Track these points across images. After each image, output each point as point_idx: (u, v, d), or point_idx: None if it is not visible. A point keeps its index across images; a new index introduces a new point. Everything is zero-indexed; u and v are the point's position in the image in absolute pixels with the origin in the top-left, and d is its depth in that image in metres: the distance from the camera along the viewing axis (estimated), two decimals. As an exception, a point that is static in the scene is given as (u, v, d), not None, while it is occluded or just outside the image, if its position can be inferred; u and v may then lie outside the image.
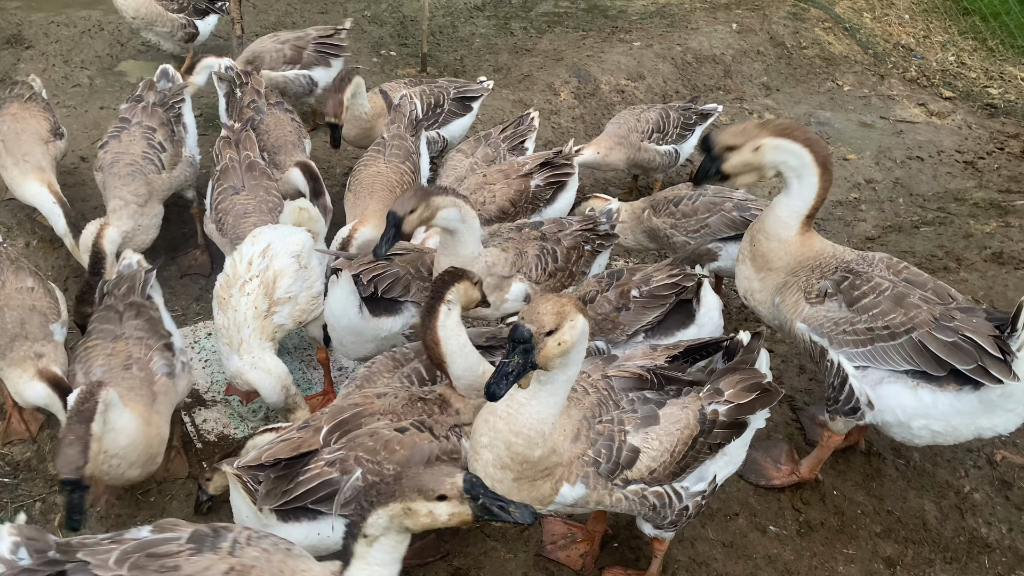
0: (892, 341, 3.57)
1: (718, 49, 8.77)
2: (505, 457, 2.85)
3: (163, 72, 5.67)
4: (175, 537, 2.57)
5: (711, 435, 3.13)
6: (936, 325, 3.53)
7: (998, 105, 8.65)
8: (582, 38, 8.89)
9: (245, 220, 4.79)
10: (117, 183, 4.96)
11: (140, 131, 5.17)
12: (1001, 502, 4.24)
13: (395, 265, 4.33)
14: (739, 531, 3.96)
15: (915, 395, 3.61)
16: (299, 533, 3.13)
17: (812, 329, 3.77)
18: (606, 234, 4.74)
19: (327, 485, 3.11)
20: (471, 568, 3.72)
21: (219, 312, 4.23)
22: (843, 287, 3.73)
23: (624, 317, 4.01)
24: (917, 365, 3.55)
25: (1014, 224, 6.19)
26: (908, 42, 9.82)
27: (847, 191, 7.11)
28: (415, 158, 5.34)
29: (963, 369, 3.47)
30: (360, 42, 8.54)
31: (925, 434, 3.70)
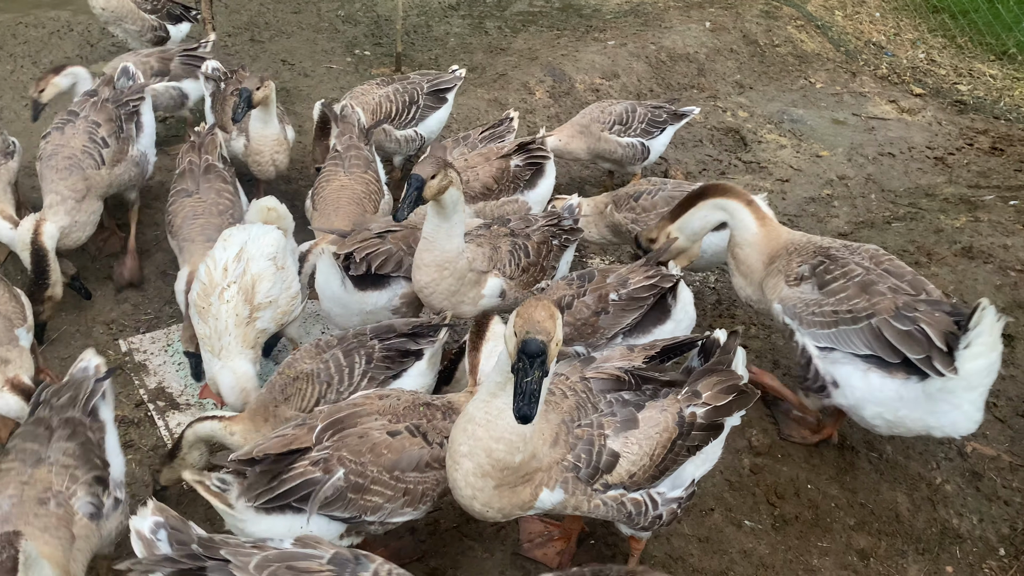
0: (854, 325, 3.69)
1: (692, 48, 8.81)
2: (486, 465, 2.84)
3: (124, 70, 5.56)
4: (317, 555, 2.51)
5: (689, 437, 3.14)
6: (896, 314, 3.63)
7: (967, 102, 8.76)
8: (556, 37, 8.90)
9: (194, 221, 4.75)
10: (54, 176, 4.84)
11: (84, 125, 5.03)
12: (972, 493, 4.30)
13: (387, 242, 4.45)
14: (715, 526, 3.98)
15: (865, 378, 3.72)
16: (281, 526, 3.14)
17: (785, 310, 3.94)
18: (571, 228, 4.77)
19: (309, 484, 3.11)
20: (448, 568, 3.71)
21: (200, 322, 4.18)
22: (817, 271, 3.87)
23: (603, 321, 4.02)
24: (874, 350, 3.66)
25: (983, 219, 6.28)
26: (879, 39, 9.92)
27: (820, 187, 7.17)
28: (374, 165, 5.32)
29: (912, 358, 3.57)
30: (334, 42, 8.51)
31: (880, 423, 3.80)
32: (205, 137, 5.16)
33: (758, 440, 4.37)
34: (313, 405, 3.67)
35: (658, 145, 6.40)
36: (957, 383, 3.54)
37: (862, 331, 3.68)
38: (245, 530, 3.15)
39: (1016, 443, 4.59)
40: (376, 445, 3.20)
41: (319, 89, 7.62)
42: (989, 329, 3.46)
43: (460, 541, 3.83)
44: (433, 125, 6.27)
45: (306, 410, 3.67)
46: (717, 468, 4.20)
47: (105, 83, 5.37)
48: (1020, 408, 4.79)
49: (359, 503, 3.16)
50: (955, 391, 3.58)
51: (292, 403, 3.71)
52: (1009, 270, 5.66)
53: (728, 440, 4.33)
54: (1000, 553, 4.08)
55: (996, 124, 8.34)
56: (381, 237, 4.47)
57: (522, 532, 3.85)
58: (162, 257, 5.51)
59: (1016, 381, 4.94)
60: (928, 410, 3.66)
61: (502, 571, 3.72)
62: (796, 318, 3.89)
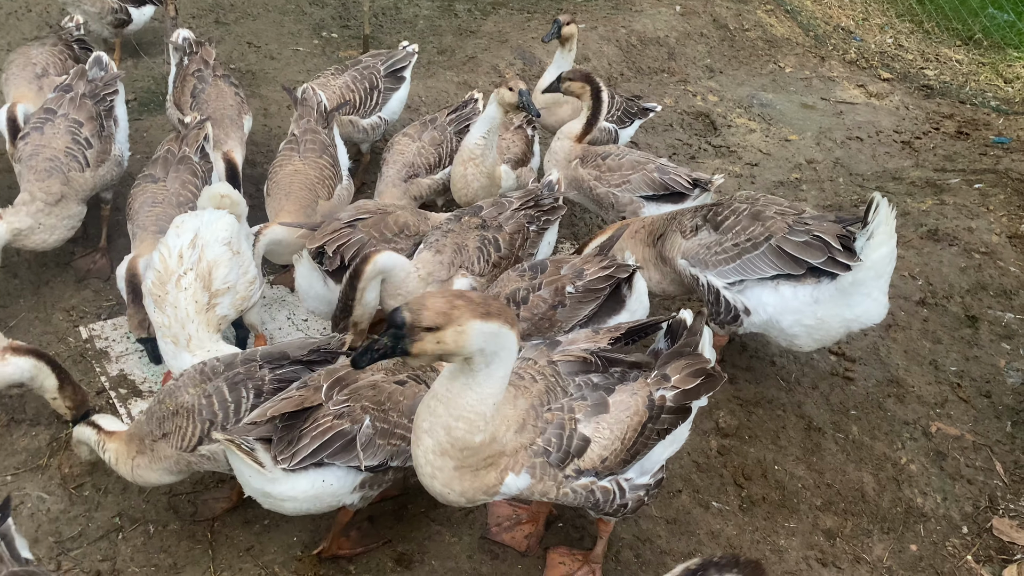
0: (755, 251, 4.07)
1: (662, 31, 8.79)
2: (445, 443, 2.79)
3: (96, 60, 5.33)
4: None
5: (659, 420, 3.13)
6: (790, 230, 4.03)
7: (934, 86, 8.84)
8: (527, 20, 8.84)
9: (151, 209, 4.64)
10: (31, 176, 4.69)
11: (65, 124, 4.87)
12: (936, 472, 4.35)
13: (359, 231, 4.36)
14: (682, 507, 3.99)
15: (776, 293, 4.09)
16: (305, 483, 3.16)
17: (690, 262, 4.25)
18: (551, 207, 4.68)
19: (340, 436, 3.15)
20: (415, 553, 3.69)
21: (156, 311, 4.09)
22: (708, 217, 4.28)
23: (561, 314, 3.96)
24: (779, 268, 4.03)
25: (948, 202, 6.34)
26: (848, 24, 9.97)
27: (788, 171, 7.20)
28: (332, 150, 5.18)
29: (815, 263, 3.95)
30: (301, 24, 8.38)
31: (799, 331, 4.13)
32: (191, 129, 5.03)
33: (725, 422, 4.38)
34: (195, 445, 3.46)
35: (625, 135, 6.40)
36: (867, 273, 3.90)
37: (764, 254, 4.05)
38: (272, 491, 3.14)
39: (979, 423, 4.65)
40: (392, 393, 3.30)
41: (285, 72, 7.50)
42: (886, 219, 3.85)
43: (428, 526, 3.80)
44: (395, 107, 6.19)
45: (187, 450, 3.47)
46: (684, 450, 4.22)
47: (78, 75, 5.16)
48: (984, 388, 4.85)
49: (387, 448, 3.23)
50: (865, 281, 3.93)
51: (171, 440, 3.50)
52: (974, 252, 5.72)
53: (695, 421, 4.35)
54: (963, 531, 4.14)
55: (962, 108, 8.43)
56: (351, 226, 4.38)
57: (490, 516, 3.83)
58: (124, 243, 5.39)
59: (980, 362, 5.00)
60: (843, 304, 4.00)
61: (470, 555, 3.70)
62: (701, 264, 4.23)
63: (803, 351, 4.41)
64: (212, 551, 3.67)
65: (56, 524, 3.77)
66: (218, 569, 3.59)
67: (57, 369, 3.80)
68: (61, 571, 3.58)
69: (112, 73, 5.30)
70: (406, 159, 5.45)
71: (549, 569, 3.62)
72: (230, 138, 5.41)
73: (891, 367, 4.89)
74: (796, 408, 4.57)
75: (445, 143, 5.60)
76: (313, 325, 5.08)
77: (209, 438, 3.43)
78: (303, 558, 3.63)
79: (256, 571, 3.58)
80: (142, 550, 3.67)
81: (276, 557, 3.64)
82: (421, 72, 7.77)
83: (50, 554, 3.64)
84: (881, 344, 5.02)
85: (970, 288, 5.46)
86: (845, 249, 3.94)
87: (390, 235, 4.44)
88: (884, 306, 4.06)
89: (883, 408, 4.65)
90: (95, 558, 3.63)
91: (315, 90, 5.38)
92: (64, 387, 3.82)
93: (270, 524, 3.80)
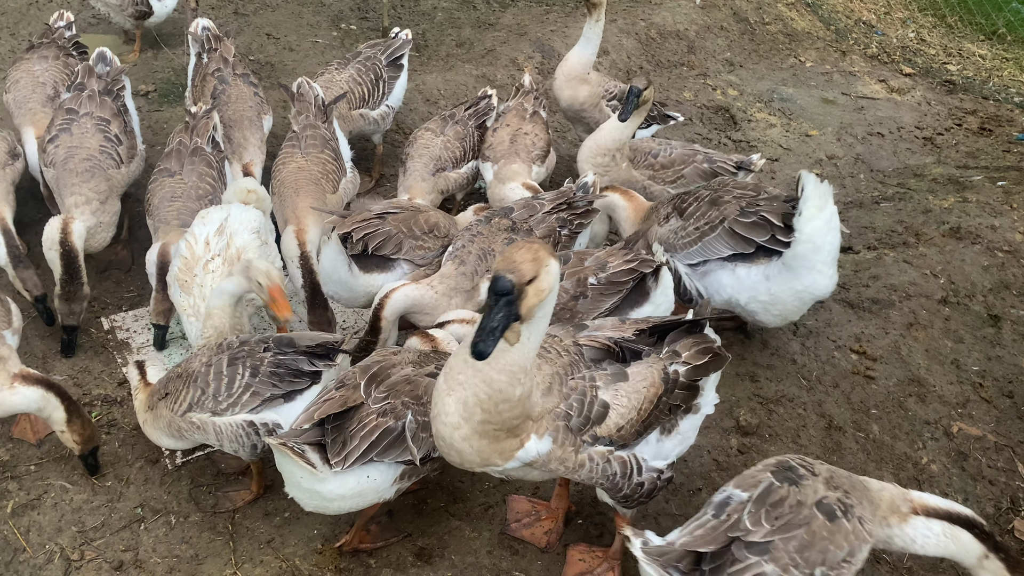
0: (712, 233, 4.36)
1: (682, 25, 8.73)
2: (483, 395, 2.76)
3: (100, 55, 5.25)
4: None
5: (672, 395, 3.19)
6: (741, 212, 4.33)
7: (956, 82, 8.74)
8: (545, 12, 8.80)
9: (171, 204, 4.66)
10: (75, 179, 4.65)
11: (92, 123, 4.85)
12: (957, 473, 4.32)
13: (387, 223, 4.38)
14: (702, 505, 3.97)
15: (733, 274, 4.37)
16: (352, 481, 3.21)
17: (664, 247, 4.45)
18: (585, 210, 4.62)
19: (387, 433, 3.22)
20: (435, 547, 3.70)
21: (182, 295, 4.14)
22: (677, 204, 4.60)
23: (582, 305, 3.94)
24: (733, 248, 4.32)
25: (971, 199, 6.27)
26: (869, 18, 9.87)
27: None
28: (333, 144, 5.17)
29: (759, 241, 4.25)
30: (320, 15, 8.37)
31: (757, 307, 4.39)
32: (200, 120, 5.04)
33: (746, 420, 4.36)
34: (184, 410, 3.54)
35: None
36: (805, 246, 4.12)
37: (719, 236, 4.34)
38: (322, 491, 3.19)
39: (1001, 423, 4.61)
40: (427, 387, 3.35)
41: (304, 64, 7.50)
42: (814, 192, 4.06)
43: (448, 521, 3.81)
44: (399, 94, 6.22)
45: (177, 413, 3.55)
46: (704, 448, 4.21)
47: (87, 73, 5.12)
48: (1006, 388, 4.81)
49: (429, 440, 3.26)
50: (806, 255, 4.15)
51: (167, 402, 3.59)
52: (996, 251, 5.67)
53: (716, 420, 4.35)
54: (984, 532, 4.10)
55: (985, 104, 8.33)
56: (381, 218, 4.40)
57: (509, 512, 3.83)
58: (145, 234, 5.41)
59: (1002, 362, 4.96)
60: (792, 278, 4.25)
61: (490, 550, 3.71)
62: (671, 248, 4.50)
63: (769, 326, 4.63)
64: (233, 543, 3.69)
65: (79, 514, 3.80)
66: (239, 561, 3.61)
67: (67, 401, 3.70)
68: (84, 560, 3.61)
69: (117, 67, 5.28)
70: (432, 153, 5.45)
71: (569, 566, 3.62)
72: (249, 145, 5.37)
73: (912, 366, 4.86)
74: (817, 407, 4.55)
75: (468, 137, 5.64)
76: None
77: (199, 406, 3.51)
78: (323, 551, 3.65)
79: (277, 563, 3.60)
80: (164, 541, 3.69)
81: (296, 550, 3.66)
82: (440, 65, 7.76)
83: (73, 544, 3.67)
84: (903, 343, 4.99)
85: (993, 287, 5.41)
86: (786, 227, 4.19)
87: (419, 232, 4.45)
88: (831, 277, 4.28)
89: (904, 408, 4.61)
90: (118, 548, 3.66)
91: (310, 84, 5.34)
92: (72, 421, 3.71)
93: (291, 517, 3.82)
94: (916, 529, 2.98)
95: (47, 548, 3.66)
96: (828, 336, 5.01)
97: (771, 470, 2.94)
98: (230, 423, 3.49)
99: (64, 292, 4.44)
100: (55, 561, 3.61)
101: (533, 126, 5.67)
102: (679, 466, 3.55)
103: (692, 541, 2.79)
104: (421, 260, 4.47)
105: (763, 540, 2.72)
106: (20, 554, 3.66)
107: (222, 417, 3.50)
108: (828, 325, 5.09)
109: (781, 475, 2.90)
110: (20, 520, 3.77)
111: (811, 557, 2.73)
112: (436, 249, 4.50)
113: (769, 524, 2.76)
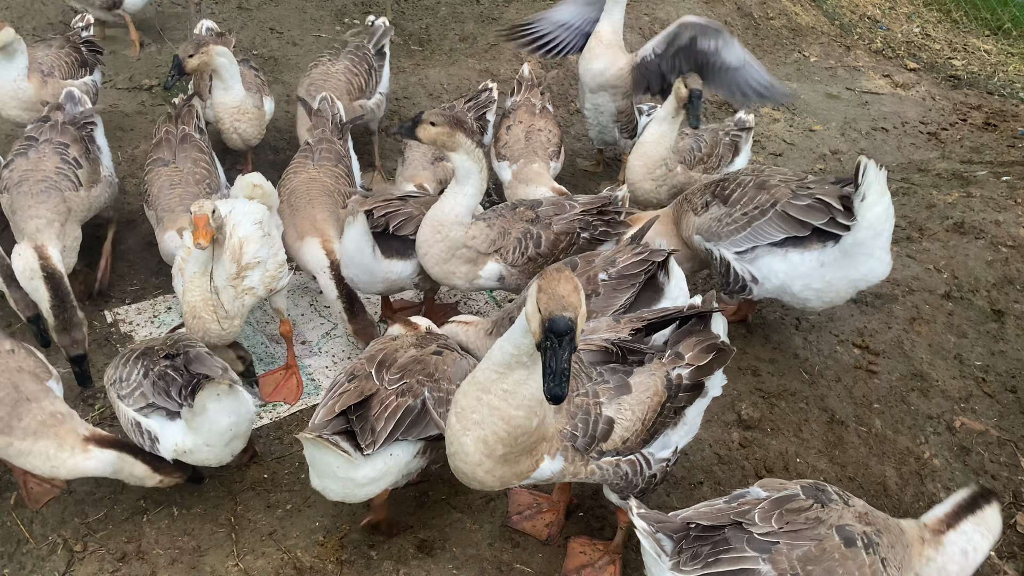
0: (763, 217, 4.26)
1: (686, 19, 8.70)
2: (502, 432, 2.80)
3: (68, 95, 5.07)
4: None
5: (676, 399, 3.17)
6: (794, 195, 4.24)
7: (961, 77, 8.71)
8: (548, 6, 8.77)
9: (171, 191, 4.64)
10: (30, 202, 4.38)
11: (51, 147, 4.62)
12: (960, 467, 4.31)
13: (409, 205, 4.41)
14: (703, 499, 3.96)
15: (786, 260, 4.28)
16: (380, 462, 3.26)
17: (704, 237, 4.41)
18: (613, 220, 4.48)
19: (409, 412, 3.27)
20: (437, 540, 3.70)
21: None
22: (717, 192, 4.46)
23: (595, 304, 3.85)
24: (786, 231, 4.23)
25: (975, 194, 6.26)
26: (874, 13, 9.84)
27: (813, 162, 7.13)
28: (347, 161, 5.11)
29: (817, 224, 4.16)
30: (323, 10, 8.38)
31: (810, 294, 4.32)
32: (182, 108, 5.04)
33: (748, 414, 4.36)
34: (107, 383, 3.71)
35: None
36: (865, 232, 4.07)
37: (772, 220, 4.24)
38: (357, 476, 3.24)
39: (1004, 418, 4.61)
40: (436, 364, 3.44)
41: (307, 58, 7.48)
42: (875, 178, 4.00)
43: (449, 513, 3.82)
44: (387, 81, 6.25)
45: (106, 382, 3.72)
46: (706, 442, 4.21)
47: (54, 108, 4.94)
48: (1009, 383, 4.80)
49: (446, 414, 3.27)
50: (865, 241, 4.10)
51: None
52: (1000, 246, 5.65)
53: (718, 413, 4.35)
54: (986, 527, 4.10)
55: (990, 99, 8.31)
56: (403, 200, 4.43)
57: (511, 504, 3.84)
58: (147, 228, 5.43)
59: (1005, 357, 4.95)
60: (848, 265, 4.18)
61: (491, 543, 3.71)
62: (714, 237, 4.40)
63: (815, 312, 4.68)
64: (235, 535, 3.70)
65: (82, 506, 3.81)
66: (241, 553, 3.62)
67: (141, 454, 3.52)
68: (87, 551, 3.63)
69: (89, 108, 5.11)
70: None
71: (569, 558, 3.62)
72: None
73: (915, 361, 4.85)
74: (819, 401, 4.54)
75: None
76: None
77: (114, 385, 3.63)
78: (325, 543, 3.66)
79: (279, 555, 3.61)
80: (166, 532, 3.71)
81: (298, 542, 3.67)
82: (443, 59, 7.76)
83: (76, 535, 3.69)
84: (905, 338, 4.98)
85: (996, 282, 5.40)
86: (845, 209, 4.13)
87: None
88: (887, 263, 4.24)
89: (907, 402, 4.61)
90: (120, 540, 3.67)
91: (333, 100, 5.31)
92: (158, 469, 3.54)
93: (292, 509, 3.83)
94: (956, 545, 2.88)
95: (50, 539, 3.68)
96: (831, 330, 5.01)
97: (802, 484, 2.82)
98: (125, 412, 3.56)
99: (59, 322, 4.12)
100: (58, 552, 3.63)
101: (545, 122, 5.65)
102: (680, 461, 3.55)
103: (694, 516, 2.74)
104: None
105: (767, 538, 2.60)
106: (23, 545, 3.68)
107: (122, 403, 3.57)
108: (831, 319, 5.08)
109: (811, 491, 2.79)
110: (23, 511, 3.79)
111: (815, 573, 2.55)
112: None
113: (778, 524, 2.64)
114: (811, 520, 2.65)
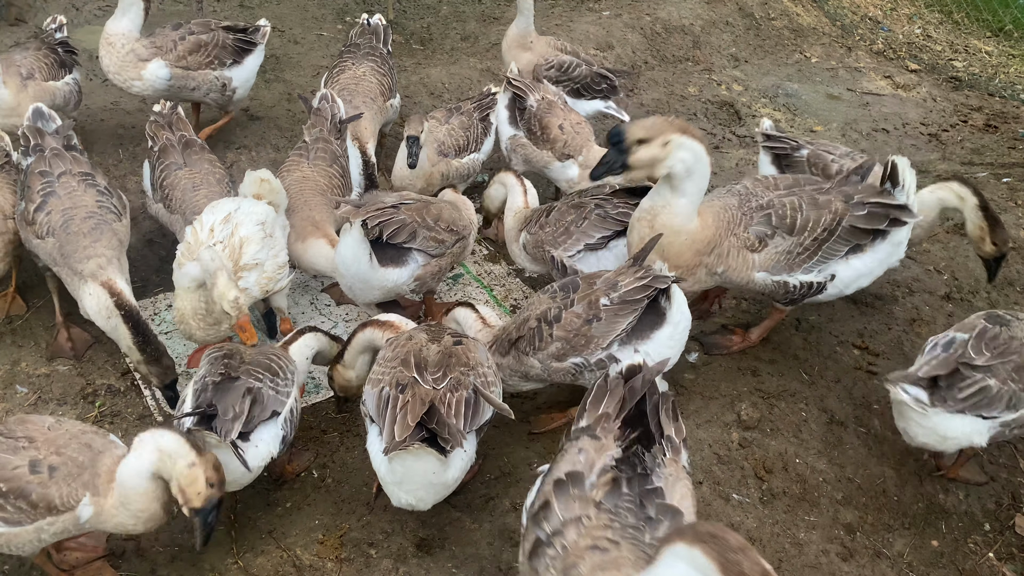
0: (832, 238, 4.22)
1: (687, 19, 8.72)
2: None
3: (37, 112, 4.73)
4: None
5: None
6: (851, 207, 4.24)
7: (962, 78, 8.71)
8: (551, 7, 8.79)
9: (195, 193, 4.64)
10: (85, 242, 4.18)
11: (77, 180, 4.42)
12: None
13: (402, 212, 4.41)
14: (702, 499, 3.98)
15: (848, 266, 4.36)
16: (458, 460, 3.37)
17: (771, 272, 4.28)
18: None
19: (468, 403, 3.42)
20: (436, 538, 3.71)
21: None
22: (774, 222, 4.20)
23: (597, 329, 3.82)
24: (851, 243, 4.28)
25: (976, 196, 6.25)
26: (875, 14, 9.84)
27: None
28: (343, 161, 5.09)
29: (881, 227, 4.28)
30: (325, 8, 8.38)
31: (856, 287, 4.47)
32: (171, 115, 5.02)
33: (747, 414, 4.36)
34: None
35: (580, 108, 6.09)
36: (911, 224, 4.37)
37: (841, 237, 4.23)
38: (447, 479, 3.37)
39: (1003, 419, 4.61)
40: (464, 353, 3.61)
41: (309, 57, 7.51)
42: (910, 174, 4.30)
43: (448, 512, 3.82)
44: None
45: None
46: (705, 442, 4.21)
47: (36, 134, 4.63)
48: (1008, 385, 4.80)
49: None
50: (907, 231, 4.39)
51: None
52: (1001, 247, 5.65)
53: (717, 414, 4.36)
54: (985, 528, 4.11)
55: (991, 101, 8.31)
56: (395, 208, 4.42)
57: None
58: (148, 225, 5.43)
59: (1005, 358, 4.95)
60: (892, 254, 4.42)
61: (490, 542, 3.72)
62: (785, 270, 4.27)
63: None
64: (235, 533, 3.71)
65: (82, 503, 3.81)
66: (240, 550, 3.63)
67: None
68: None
69: (66, 123, 4.85)
70: (436, 137, 5.46)
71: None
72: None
73: (915, 362, 4.85)
74: (818, 402, 4.55)
75: (472, 128, 5.65)
76: (336, 311, 5.10)
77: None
78: (324, 540, 3.67)
79: (278, 553, 3.62)
80: (166, 530, 3.70)
81: (298, 540, 3.68)
82: (444, 59, 7.76)
83: (76, 532, 3.69)
84: (905, 339, 4.98)
85: (996, 283, 5.40)
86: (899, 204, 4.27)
87: (432, 222, 4.47)
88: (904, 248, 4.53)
89: (906, 403, 4.61)
90: (120, 536, 3.68)
91: (334, 98, 5.28)
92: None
93: (292, 507, 3.84)
94: None
95: (50, 536, 3.68)
96: (830, 331, 5.01)
97: (983, 317, 3.88)
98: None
99: (147, 356, 4.02)
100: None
101: (573, 114, 5.60)
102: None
103: (931, 369, 3.67)
104: (434, 250, 4.49)
105: (985, 364, 3.64)
106: (23, 542, 3.68)
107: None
108: (830, 320, 5.09)
109: (992, 319, 3.85)
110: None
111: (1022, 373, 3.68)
112: (449, 241, 4.52)
113: (988, 352, 3.68)
114: (1006, 340, 3.75)
